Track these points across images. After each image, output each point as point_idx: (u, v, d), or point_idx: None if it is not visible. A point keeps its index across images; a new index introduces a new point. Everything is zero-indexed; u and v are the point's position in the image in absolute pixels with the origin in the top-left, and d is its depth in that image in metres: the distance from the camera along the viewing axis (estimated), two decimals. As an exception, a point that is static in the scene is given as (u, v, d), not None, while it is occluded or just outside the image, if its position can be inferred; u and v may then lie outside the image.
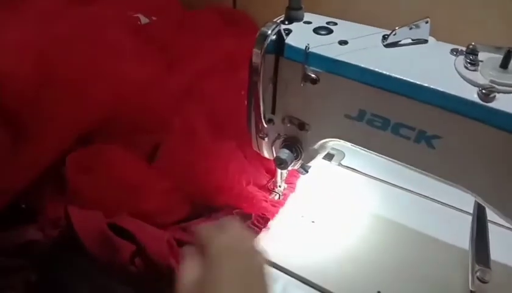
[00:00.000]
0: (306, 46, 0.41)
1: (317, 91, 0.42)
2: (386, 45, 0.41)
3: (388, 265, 0.51)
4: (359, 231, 0.55)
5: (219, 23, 0.78)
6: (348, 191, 0.61)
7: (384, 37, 0.41)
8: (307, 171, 0.52)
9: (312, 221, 0.56)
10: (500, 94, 0.35)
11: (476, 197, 0.40)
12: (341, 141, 0.45)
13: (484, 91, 0.35)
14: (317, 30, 0.43)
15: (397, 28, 0.40)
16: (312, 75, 0.41)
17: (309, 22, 0.44)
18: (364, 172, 0.64)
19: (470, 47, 0.37)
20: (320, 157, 0.51)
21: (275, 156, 0.49)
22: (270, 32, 0.40)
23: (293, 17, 0.44)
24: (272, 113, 0.47)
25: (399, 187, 0.61)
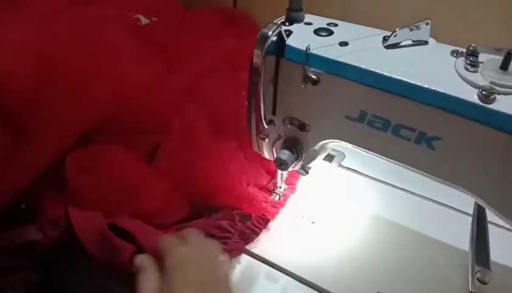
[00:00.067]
0: (307, 47, 0.41)
1: (317, 92, 0.42)
2: (387, 46, 0.41)
3: (388, 266, 0.51)
4: (360, 232, 0.55)
5: (219, 23, 0.78)
6: (349, 193, 0.61)
7: (384, 38, 0.41)
8: (307, 172, 0.52)
9: (313, 222, 0.56)
10: (500, 95, 0.35)
11: (476, 198, 0.40)
12: (342, 142, 0.45)
13: (484, 92, 0.35)
14: (317, 32, 0.43)
15: (397, 29, 0.40)
16: (313, 77, 0.41)
17: (310, 24, 0.44)
18: (364, 173, 0.64)
19: (471, 48, 0.37)
20: (320, 158, 0.51)
21: (275, 157, 0.49)
22: (271, 33, 0.41)
23: (294, 18, 0.44)
24: (273, 114, 0.48)
25: (399, 188, 0.62)
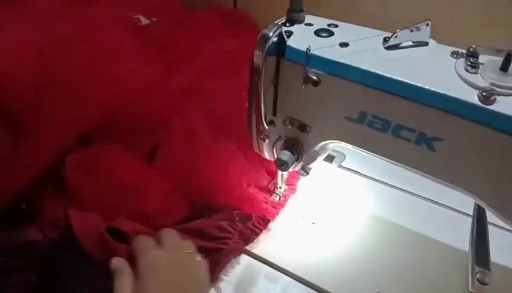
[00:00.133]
0: (308, 48, 0.41)
1: (318, 93, 0.42)
2: (387, 47, 0.41)
3: (388, 266, 0.51)
4: (360, 233, 0.55)
5: (219, 23, 0.78)
6: (349, 193, 0.61)
7: (385, 39, 0.41)
8: (308, 173, 0.52)
9: (313, 223, 0.56)
10: (500, 96, 0.35)
11: (476, 199, 0.40)
12: (342, 143, 0.45)
13: (484, 93, 0.35)
14: (318, 32, 0.43)
15: (397, 30, 0.40)
16: (314, 77, 0.41)
17: (311, 24, 0.44)
18: (364, 174, 0.64)
19: (471, 49, 0.37)
20: (320, 158, 0.51)
21: (276, 158, 0.49)
22: (271, 34, 0.41)
23: (294, 19, 0.44)
24: (273, 114, 0.48)
25: (399, 189, 0.62)
